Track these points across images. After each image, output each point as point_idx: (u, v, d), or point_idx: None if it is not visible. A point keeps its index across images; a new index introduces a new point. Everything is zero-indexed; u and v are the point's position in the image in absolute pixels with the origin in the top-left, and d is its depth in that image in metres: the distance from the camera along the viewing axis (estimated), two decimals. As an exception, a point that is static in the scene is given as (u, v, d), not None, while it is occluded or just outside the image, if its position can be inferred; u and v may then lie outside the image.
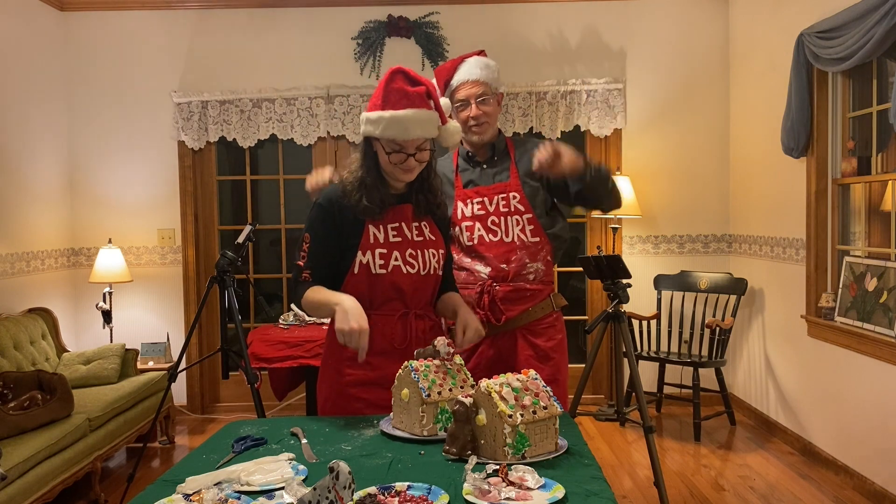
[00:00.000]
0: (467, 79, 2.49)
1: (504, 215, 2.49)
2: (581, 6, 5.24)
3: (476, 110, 2.48)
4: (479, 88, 2.48)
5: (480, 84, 2.48)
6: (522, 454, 1.64)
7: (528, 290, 2.49)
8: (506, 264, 2.48)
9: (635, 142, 5.27)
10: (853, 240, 3.99)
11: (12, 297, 4.52)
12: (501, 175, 2.54)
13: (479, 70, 2.49)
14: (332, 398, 2.19)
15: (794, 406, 4.36)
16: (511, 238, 2.48)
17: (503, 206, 2.49)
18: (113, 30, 5.23)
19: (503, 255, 2.49)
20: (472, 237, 2.51)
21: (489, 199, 2.51)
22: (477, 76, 2.48)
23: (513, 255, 2.48)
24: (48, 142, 5.01)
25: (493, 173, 2.55)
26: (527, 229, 2.48)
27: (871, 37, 3.27)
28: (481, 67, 2.50)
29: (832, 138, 4.05)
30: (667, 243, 5.33)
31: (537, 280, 2.50)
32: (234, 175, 5.56)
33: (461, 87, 2.51)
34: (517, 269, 2.49)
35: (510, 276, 2.48)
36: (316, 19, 5.24)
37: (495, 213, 2.50)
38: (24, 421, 3.36)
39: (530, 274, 2.49)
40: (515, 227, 2.48)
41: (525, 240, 2.48)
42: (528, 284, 2.49)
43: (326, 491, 1.20)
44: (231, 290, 3.60)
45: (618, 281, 2.27)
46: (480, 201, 2.52)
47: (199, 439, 4.77)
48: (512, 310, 2.50)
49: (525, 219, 2.48)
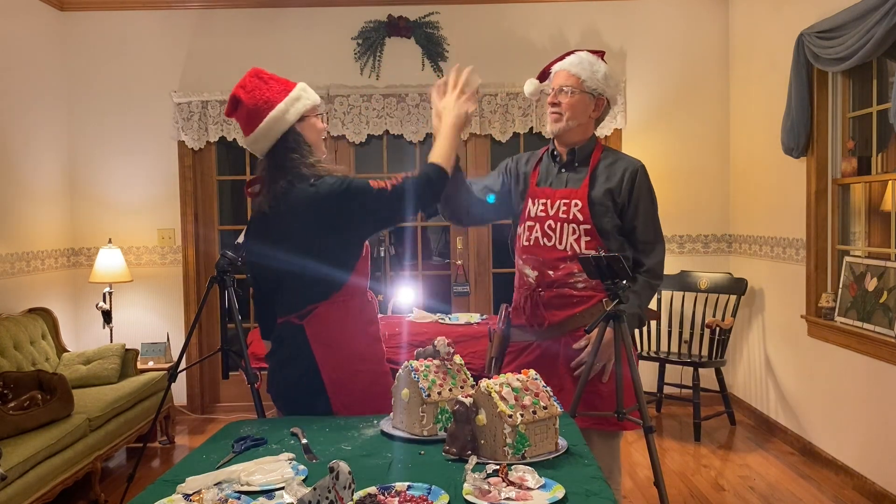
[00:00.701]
0: (563, 67, 2.49)
1: (562, 221, 2.43)
2: (581, 6, 5.24)
3: (554, 97, 2.47)
4: (567, 78, 2.45)
5: (571, 75, 2.45)
6: (522, 454, 1.64)
7: (575, 297, 2.41)
8: (553, 271, 2.43)
9: (635, 142, 5.27)
10: (853, 240, 3.99)
11: (12, 297, 4.52)
12: (574, 181, 2.47)
13: (577, 61, 2.47)
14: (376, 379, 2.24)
15: (794, 406, 4.36)
16: (564, 246, 2.42)
17: (563, 213, 2.43)
18: (113, 30, 5.23)
19: (552, 262, 2.43)
20: (530, 238, 2.48)
21: (552, 203, 2.46)
22: (571, 66, 2.46)
23: (561, 263, 2.42)
24: (48, 142, 5.01)
25: (567, 177, 2.49)
26: (582, 240, 2.39)
27: (871, 37, 3.27)
28: (581, 60, 2.47)
29: (832, 138, 4.04)
30: (667, 243, 5.30)
31: (588, 287, 2.41)
32: (234, 175, 5.56)
33: (557, 74, 2.50)
34: (563, 276, 2.42)
35: (555, 282, 2.43)
36: (316, 19, 5.24)
37: (554, 217, 2.44)
38: (24, 421, 3.36)
39: (579, 282, 2.41)
40: (571, 235, 2.41)
41: (577, 250, 2.40)
42: (575, 291, 2.42)
43: (326, 491, 1.20)
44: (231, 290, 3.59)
45: (618, 281, 2.26)
46: (545, 203, 2.47)
47: (199, 439, 4.76)
48: (556, 315, 2.43)
49: (582, 229, 2.40)
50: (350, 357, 2.20)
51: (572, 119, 2.44)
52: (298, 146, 2.20)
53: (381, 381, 2.24)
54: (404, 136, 5.26)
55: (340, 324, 2.20)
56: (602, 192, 2.42)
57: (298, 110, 2.21)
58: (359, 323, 2.24)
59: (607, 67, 2.50)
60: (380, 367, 2.28)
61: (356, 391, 2.20)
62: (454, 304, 5.38)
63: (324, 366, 2.18)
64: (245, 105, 2.19)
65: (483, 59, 5.17)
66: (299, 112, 2.21)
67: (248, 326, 5.20)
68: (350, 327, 2.22)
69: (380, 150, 5.44)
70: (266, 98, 2.18)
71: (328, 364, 2.18)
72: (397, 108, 5.22)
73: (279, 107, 2.18)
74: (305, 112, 2.22)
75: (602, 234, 2.41)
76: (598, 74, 2.45)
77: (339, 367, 2.18)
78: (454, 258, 5.43)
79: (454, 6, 5.22)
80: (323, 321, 2.19)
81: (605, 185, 2.42)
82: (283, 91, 2.21)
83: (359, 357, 2.22)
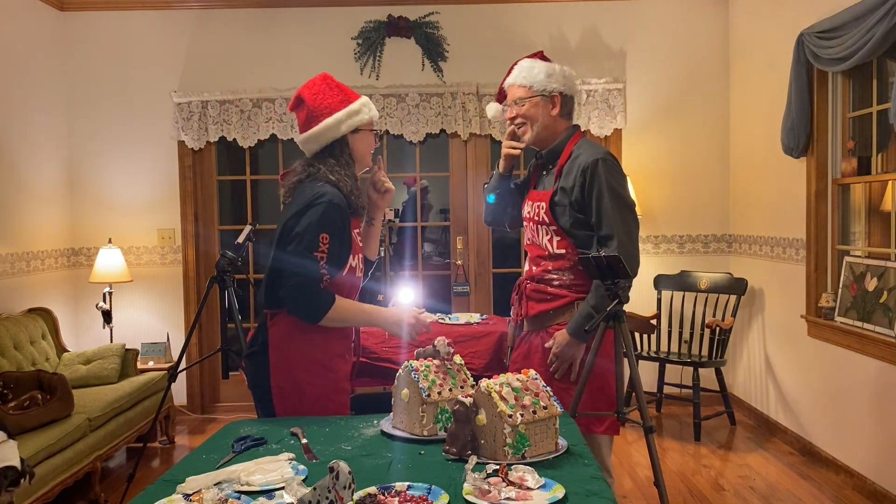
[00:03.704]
0: (510, 82, 2.58)
1: (536, 223, 2.56)
2: (581, 6, 5.24)
3: (510, 113, 2.56)
4: (516, 91, 2.55)
5: (517, 87, 2.54)
6: (522, 454, 1.64)
7: (549, 294, 2.51)
8: (536, 266, 2.57)
9: (635, 142, 5.27)
10: (853, 240, 3.99)
11: (12, 297, 4.52)
12: (548, 182, 2.56)
13: (518, 72, 2.55)
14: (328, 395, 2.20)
15: (794, 406, 4.36)
16: (542, 245, 2.54)
17: (535, 215, 2.55)
18: (113, 30, 5.23)
19: (535, 259, 2.58)
20: (528, 237, 2.64)
21: (532, 205, 2.59)
22: (514, 79, 2.55)
23: (542, 261, 2.54)
24: (48, 142, 5.01)
25: (545, 180, 2.59)
26: (554, 240, 2.49)
27: (871, 37, 3.27)
28: (520, 70, 2.55)
29: (832, 138, 4.04)
30: (667, 243, 5.33)
31: (562, 286, 2.49)
32: (234, 175, 5.56)
33: (508, 90, 2.59)
34: (541, 272, 2.54)
35: (535, 276, 2.56)
36: (316, 19, 5.24)
37: (532, 219, 2.58)
38: (24, 421, 3.36)
39: (553, 280, 2.51)
40: (545, 236, 2.52)
41: (550, 250, 2.51)
42: (550, 288, 2.51)
43: (326, 491, 1.20)
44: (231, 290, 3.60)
45: (618, 281, 2.26)
46: (529, 205, 2.60)
47: (199, 439, 4.76)
48: (533, 308, 2.56)
49: (551, 230, 2.50)
50: (299, 368, 2.18)
51: (535, 125, 2.53)
52: (342, 155, 2.28)
53: (333, 399, 2.21)
54: (404, 136, 5.26)
55: (301, 333, 2.18)
56: (559, 190, 2.48)
57: (354, 123, 2.28)
58: (321, 337, 2.20)
59: (548, 64, 2.56)
60: (335, 385, 2.22)
61: (302, 405, 2.17)
62: (454, 304, 5.38)
63: (274, 371, 2.19)
64: (307, 105, 2.28)
65: (483, 59, 5.18)
66: (354, 125, 2.28)
67: (248, 326, 5.20)
68: (310, 339, 2.18)
69: (379, 150, 5.43)
70: (327, 104, 2.26)
71: (278, 370, 2.19)
72: (397, 108, 5.22)
73: (336, 115, 2.25)
74: (361, 125, 2.29)
75: (567, 233, 2.48)
76: (541, 75, 2.51)
77: (287, 376, 2.18)
78: (454, 258, 5.43)
79: (454, 6, 5.22)
80: (286, 327, 2.19)
81: (562, 183, 2.48)
82: (345, 101, 2.28)
83: (309, 370, 2.18)
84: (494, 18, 5.23)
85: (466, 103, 5.18)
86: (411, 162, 5.44)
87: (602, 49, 5.26)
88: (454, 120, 5.20)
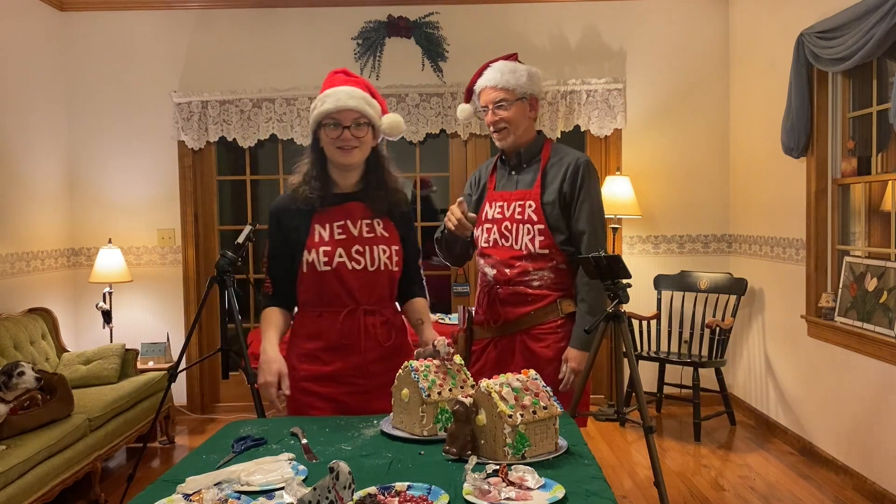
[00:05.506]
0: (486, 84, 2.53)
1: (517, 222, 2.51)
2: (581, 6, 5.24)
3: (493, 116, 2.52)
4: (497, 94, 2.50)
5: (499, 90, 2.49)
6: (522, 454, 1.64)
7: (530, 295, 2.49)
8: (509, 269, 2.50)
9: (635, 142, 5.27)
10: (853, 240, 3.99)
11: (12, 297, 4.52)
12: (525, 182, 2.54)
13: (499, 75, 2.50)
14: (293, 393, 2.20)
15: (794, 406, 4.36)
16: (519, 246, 2.49)
17: (518, 214, 2.51)
18: (113, 30, 5.23)
19: (508, 261, 2.51)
20: (489, 240, 2.56)
21: (508, 205, 2.54)
22: (495, 81, 2.50)
23: (517, 262, 2.49)
24: (48, 142, 5.01)
25: (517, 179, 2.57)
26: (536, 239, 2.47)
27: (871, 37, 3.27)
28: (502, 72, 2.51)
29: (832, 138, 4.04)
30: (667, 243, 5.33)
31: (543, 286, 2.49)
32: (234, 175, 5.56)
33: (482, 92, 2.55)
34: (518, 274, 2.49)
35: (511, 280, 2.50)
36: (316, 19, 5.24)
37: (510, 218, 2.52)
38: (24, 421, 3.36)
39: (534, 280, 2.49)
40: (526, 235, 2.48)
41: (532, 249, 2.47)
42: (530, 289, 2.49)
43: (326, 491, 1.20)
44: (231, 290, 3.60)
45: (618, 281, 2.26)
46: (501, 206, 2.55)
47: (199, 439, 4.76)
48: (512, 312, 2.51)
49: (536, 229, 2.47)
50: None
51: (517, 129, 2.52)
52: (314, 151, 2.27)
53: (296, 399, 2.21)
54: (404, 136, 5.25)
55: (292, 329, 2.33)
56: (552, 190, 2.49)
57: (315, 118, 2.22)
58: (295, 335, 2.32)
59: (528, 67, 2.57)
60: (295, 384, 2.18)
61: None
62: (454, 304, 5.38)
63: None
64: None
65: (483, 59, 5.11)
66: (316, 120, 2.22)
67: (248, 326, 5.20)
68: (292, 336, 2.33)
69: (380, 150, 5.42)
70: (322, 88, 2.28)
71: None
72: (397, 108, 5.22)
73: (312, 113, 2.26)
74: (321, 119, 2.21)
75: (555, 232, 2.48)
76: (523, 78, 2.51)
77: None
78: (454, 258, 5.42)
79: (454, 6, 5.22)
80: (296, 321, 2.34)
81: (554, 183, 2.49)
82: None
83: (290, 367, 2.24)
84: (494, 18, 5.23)
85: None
86: (411, 162, 5.44)
87: (602, 49, 5.26)
88: (454, 120, 5.20)
